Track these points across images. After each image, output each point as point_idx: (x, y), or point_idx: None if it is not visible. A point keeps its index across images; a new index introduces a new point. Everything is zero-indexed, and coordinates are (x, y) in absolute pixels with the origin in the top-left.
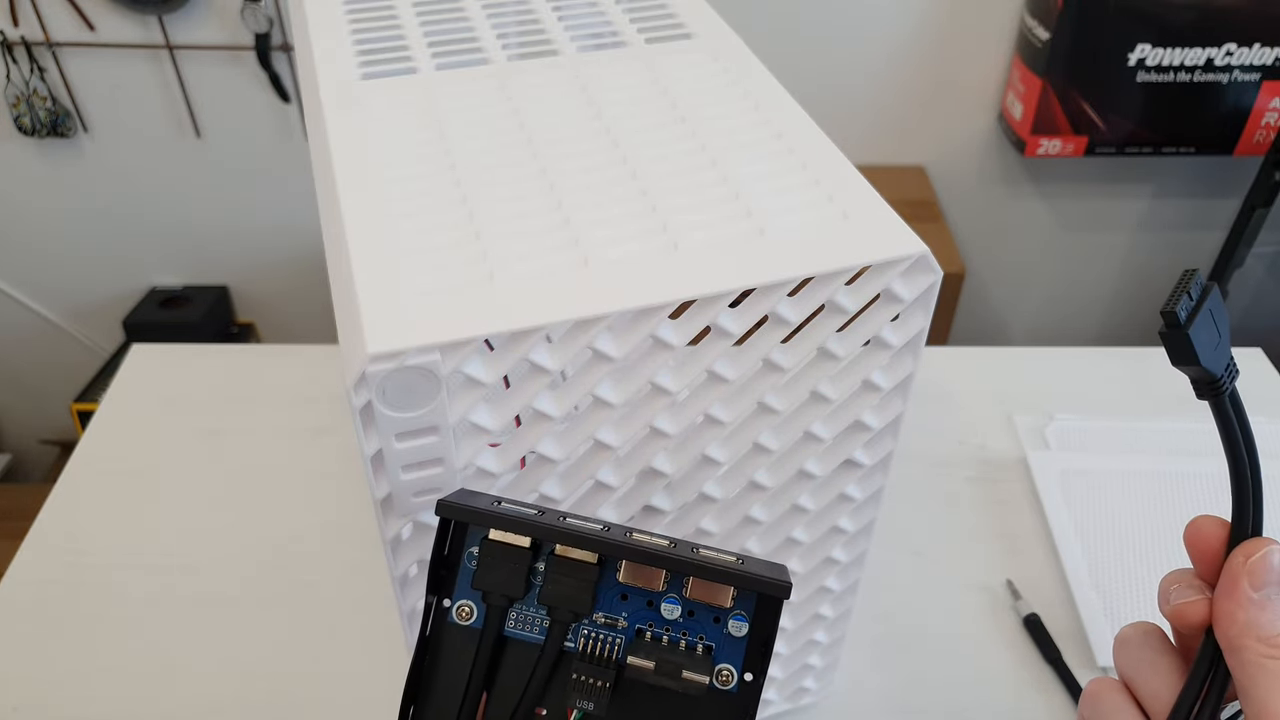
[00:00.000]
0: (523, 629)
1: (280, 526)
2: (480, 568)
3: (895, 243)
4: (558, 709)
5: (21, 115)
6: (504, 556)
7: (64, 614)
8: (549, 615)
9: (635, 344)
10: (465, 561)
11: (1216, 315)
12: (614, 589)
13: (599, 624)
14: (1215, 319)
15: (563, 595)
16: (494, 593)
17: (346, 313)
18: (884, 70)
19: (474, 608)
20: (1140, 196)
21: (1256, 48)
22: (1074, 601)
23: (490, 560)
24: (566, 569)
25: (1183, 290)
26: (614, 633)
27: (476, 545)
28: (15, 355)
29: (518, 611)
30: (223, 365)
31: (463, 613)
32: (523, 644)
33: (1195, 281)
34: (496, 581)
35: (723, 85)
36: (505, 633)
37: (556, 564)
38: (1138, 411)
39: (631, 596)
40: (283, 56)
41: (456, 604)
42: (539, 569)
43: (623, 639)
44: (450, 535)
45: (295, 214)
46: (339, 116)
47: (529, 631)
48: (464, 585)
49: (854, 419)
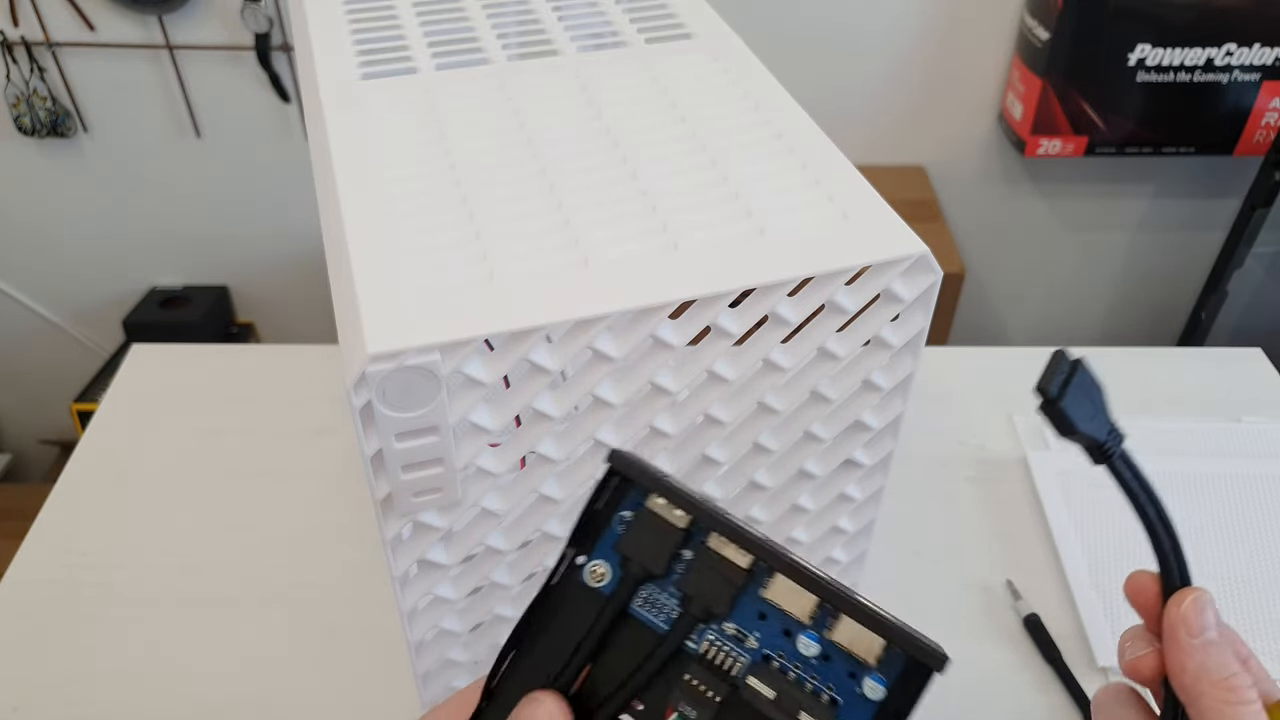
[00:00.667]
0: (648, 611)
1: (280, 526)
2: (629, 532)
3: (895, 243)
4: (656, 705)
5: (21, 115)
6: (656, 529)
7: (64, 614)
8: (681, 605)
9: (635, 344)
10: (613, 524)
11: (1090, 388)
12: (755, 604)
13: (728, 634)
14: (1089, 392)
15: (703, 589)
16: (635, 561)
17: (346, 313)
18: (884, 70)
19: (608, 572)
20: (1140, 196)
21: (1256, 48)
22: (1074, 601)
23: (641, 528)
24: (715, 564)
25: (1054, 370)
26: (741, 649)
27: (630, 510)
28: (15, 355)
29: (649, 591)
30: (223, 365)
31: (595, 573)
32: (642, 626)
33: (1064, 361)
34: (642, 551)
35: (723, 85)
36: (629, 609)
37: (706, 555)
38: (1138, 411)
39: (770, 618)
40: (283, 56)
41: (591, 564)
42: (684, 556)
43: (747, 658)
44: (608, 492)
45: (295, 214)
46: (339, 116)
47: (653, 616)
48: (604, 547)
49: (854, 419)
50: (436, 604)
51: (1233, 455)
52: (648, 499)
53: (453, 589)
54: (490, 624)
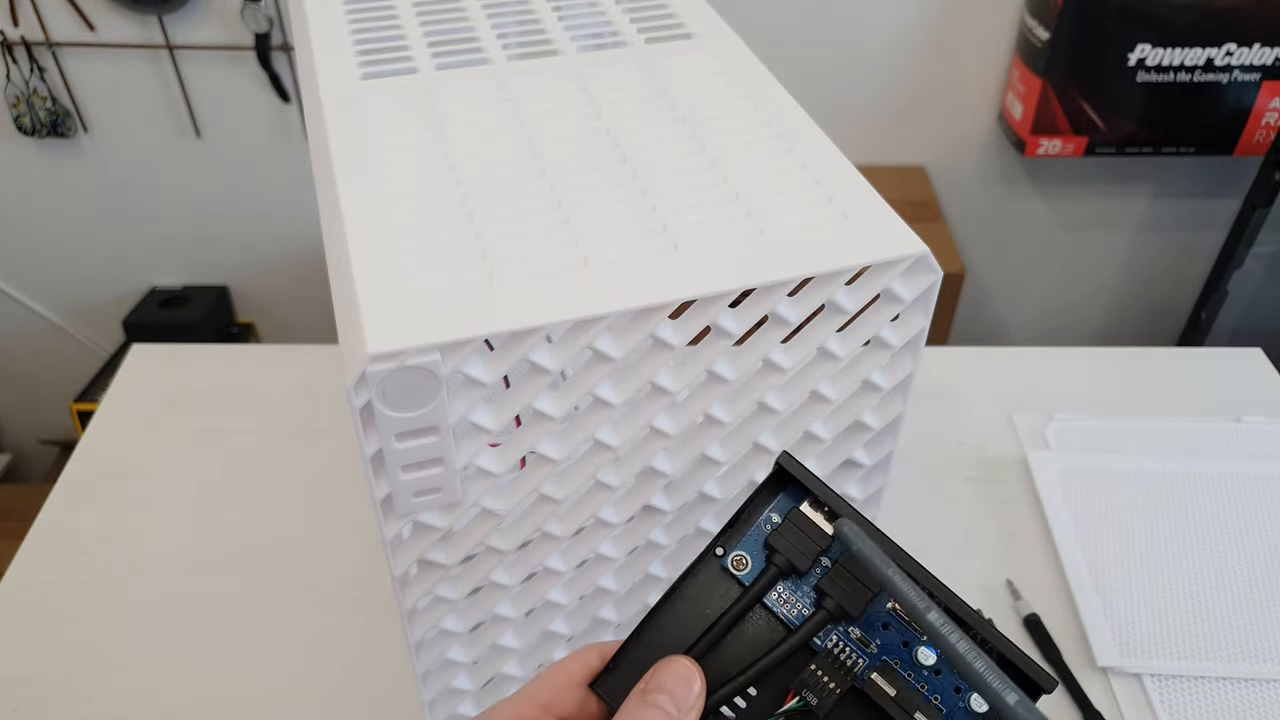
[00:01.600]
0: (781, 606)
1: (280, 526)
2: (778, 531)
3: (895, 243)
4: (777, 688)
5: (21, 115)
6: (804, 531)
7: (64, 614)
8: (816, 604)
9: (635, 344)
10: (760, 523)
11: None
12: (882, 614)
13: (853, 638)
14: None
15: (840, 591)
16: (782, 555)
17: (346, 313)
18: (884, 70)
19: (749, 561)
20: (1140, 196)
21: (1256, 48)
22: (1074, 601)
23: (791, 529)
24: (856, 570)
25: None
26: (863, 652)
27: (780, 512)
28: (15, 355)
29: (786, 587)
30: (223, 365)
31: (739, 562)
32: (773, 618)
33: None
34: (788, 548)
35: (723, 85)
36: (765, 600)
37: (848, 563)
38: (1138, 411)
39: (893, 627)
40: (283, 56)
41: (734, 554)
42: (824, 561)
43: (866, 661)
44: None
45: (295, 214)
46: (339, 116)
47: (786, 610)
48: (751, 541)
49: (854, 419)
50: (436, 604)
51: (1233, 455)
52: (801, 503)
53: (453, 589)
54: (490, 624)
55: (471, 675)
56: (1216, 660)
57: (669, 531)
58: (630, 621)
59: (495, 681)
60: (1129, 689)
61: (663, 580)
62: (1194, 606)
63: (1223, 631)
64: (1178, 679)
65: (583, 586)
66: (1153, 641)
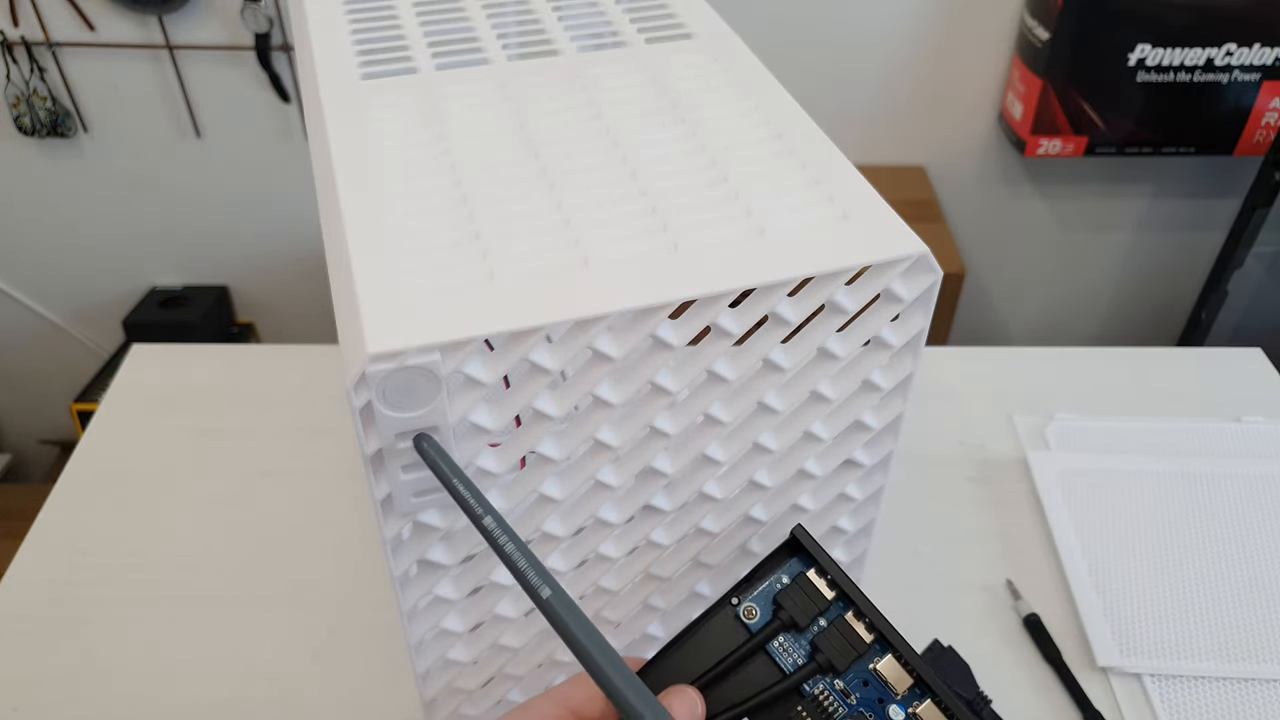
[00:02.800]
0: (780, 654)
1: (280, 526)
2: (786, 591)
3: (895, 243)
4: None
5: (21, 115)
6: (808, 593)
7: (64, 614)
8: (809, 657)
9: (635, 344)
10: (772, 581)
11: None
12: (864, 672)
13: (837, 689)
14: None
15: (832, 647)
16: (786, 611)
17: (346, 313)
18: (884, 70)
19: (758, 612)
20: (1140, 196)
21: (1256, 48)
22: (1074, 601)
23: (797, 590)
24: (846, 633)
25: None
26: (843, 702)
27: (789, 574)
28: (15, 355)
29: (786, 639)
30: (223, 365)
31: (749, 612)
32: (772, 664)
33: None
34: (794, 604)
35: (723, 85)
36: (767, 646)
37: (841, 625)
38: (1138, 411)
39: (872, 685)
40: (283, 56)
41: (746, 604)
42: (821, 622)
43: (845, 710)
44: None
45: (295, 214)
46: (339, 116)
47: (784, 658)
48: (762, 596)
49: (854, 419)
50: (436, 604)
51: (1233, 455)
52: (808, 570)
53: (453, 589)
54: (490, 624)
55: (472, 675)
56: (1216, 660)
57: (669, 531)
58: (630, 621)
59: (495, 681)
60: (1129, 689)
61: (662, 580)
62: (1194, 606)
63: (1223, 631)
64: (1178, 679)
65: (583, 586)
66: (1153, 641)
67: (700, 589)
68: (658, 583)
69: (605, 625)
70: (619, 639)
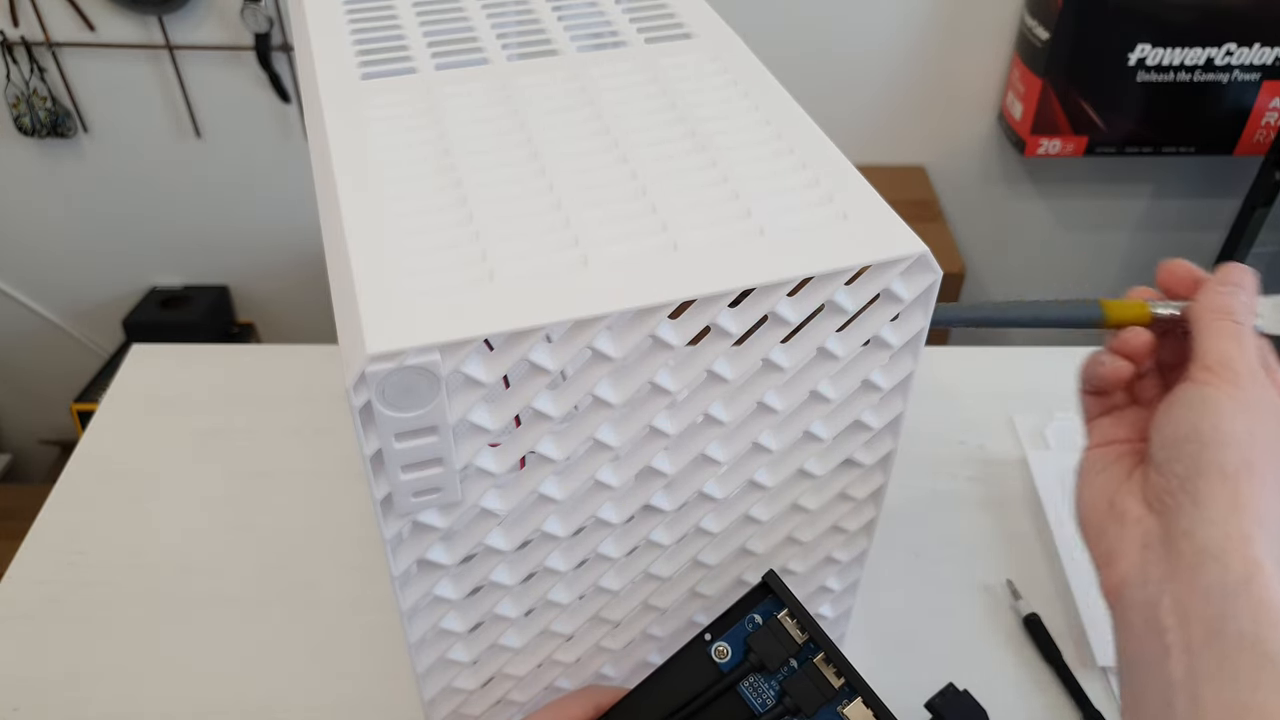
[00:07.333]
0: (750, 694)
1: (280, 526)
2: (759, 632)
3: (895, 243)
4: None
5: (21, 115)
6: (780, 636)
7: (64, 614)
8: (778, 698)
9: (635, 344)
10: (744, 622)
11: None
12: (833, 715)
13: None
14: None
15: (800, 691)
16: (756, 653)
17: (346, 313)
18: (884, 70)
19: (729, 651)
20: (1140, 196)
21: (1256, 48)
22: (1074, 601)
23: (769, 632)
24: (815, 677)
25: None
26: None
27: (764, 615)
28: (15, 355)
29: (756, 680)
30: (223, 365)
31: (720, 651)
32: (741, 703)
33: None
34: (765, 647)
35: (723, 85)
36: (738, 686)
37: (810, 670)
38: None
39: None
40: (283, 56)
41: (718, 644)
42: (792, 664)
43: None
44: (754, 597)
45: (295, 214)
46: (339, 116)
47: (754, 698)
48: (734, 635)
49: (854, 419)
50: (436, 604)
51: None
52: (780, 613)
53: (453, 589)
54: (490, 624)
55: (472, 675)
56: None
57: (669, 531)
58: (630, 620)
59: (495, 681)
60: None
61: (662, 580)
62: None
63: None
64: None
65: (583, 586)
66: None
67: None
68: (657, 583)
69: (604, 625)
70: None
